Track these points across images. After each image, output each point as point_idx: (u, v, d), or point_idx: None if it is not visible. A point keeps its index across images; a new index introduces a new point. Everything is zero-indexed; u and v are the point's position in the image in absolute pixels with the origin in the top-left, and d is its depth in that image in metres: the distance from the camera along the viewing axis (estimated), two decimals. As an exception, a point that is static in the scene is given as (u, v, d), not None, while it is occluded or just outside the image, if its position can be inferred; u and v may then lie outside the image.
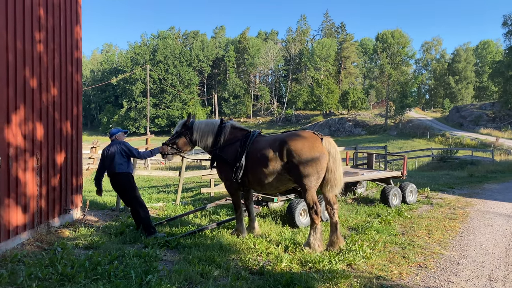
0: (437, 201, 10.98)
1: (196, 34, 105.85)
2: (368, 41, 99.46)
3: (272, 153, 6.13)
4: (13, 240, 5.74)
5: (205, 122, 7.02)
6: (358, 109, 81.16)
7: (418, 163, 33.10)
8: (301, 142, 6.04)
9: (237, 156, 6.48)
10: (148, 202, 11.06)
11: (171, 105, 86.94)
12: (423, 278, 5.33)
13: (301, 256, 5.88)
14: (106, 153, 6.86)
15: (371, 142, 54.05)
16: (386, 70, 73.09)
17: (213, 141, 6.82)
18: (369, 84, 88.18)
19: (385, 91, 76.17)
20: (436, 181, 15.54)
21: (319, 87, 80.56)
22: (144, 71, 77.41)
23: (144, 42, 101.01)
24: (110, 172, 6.80)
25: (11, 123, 5.63)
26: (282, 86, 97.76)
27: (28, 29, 6.07)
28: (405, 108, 69.38)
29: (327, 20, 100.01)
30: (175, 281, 4.59)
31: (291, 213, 7.77)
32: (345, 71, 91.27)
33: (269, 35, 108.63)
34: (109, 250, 5.72)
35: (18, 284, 4.34)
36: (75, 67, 7.89)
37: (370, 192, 11.92)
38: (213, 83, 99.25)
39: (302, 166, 5.93)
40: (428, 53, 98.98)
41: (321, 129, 72.50)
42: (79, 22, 8.05)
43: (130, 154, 6.87)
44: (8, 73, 5.59)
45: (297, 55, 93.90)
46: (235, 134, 6.79)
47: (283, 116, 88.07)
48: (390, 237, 7.19)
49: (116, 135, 7.07)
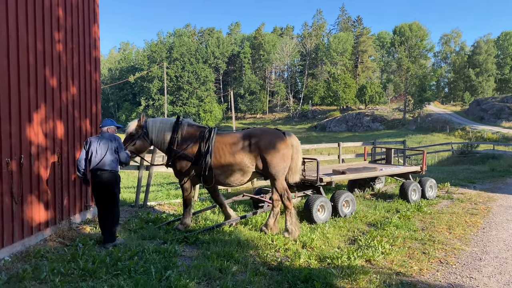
0: (457, 196, 10.79)
1: (212, 31, 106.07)
2: (385, 34, 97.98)
3: (242, 148, 6.55)
4: (36, 236, 5.88)
5: (159, 120, 6.86)
6: (376, 103, 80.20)
7: (437, 158, 32.59)
8: (269, 136, 6.62)
9: (202, 153, 6.52)
10: (167, 198, 11.18)
11: (188, 102, 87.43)
12: (444, 274, 5.25)
13: (319, 252, 5.86)
14: (97, 144, 5.94)
15: (389, 137, 53.38)
16: (404, 63, 71.98)
17: (170, 140, 6.67)
18: (386, 78, 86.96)
19: (403, 85, 75.05)
20: (456, 176, 15.27)
21: (336, 82, 79.87)
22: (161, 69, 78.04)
23: (161, 40, 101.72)
24: (97, 168, 5.90)
25: (32, 122, 5.75)
26: (298, 82, 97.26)
27: (47, 30, 6.17)
28: (424, 102, 68.24)
29: (343, 14, 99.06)
30: (194, 276, 4.63)
31: (309, 209, 7.75)
32: (362, 65, 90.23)
33: (284, 30, 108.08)
34: (129, 246, 5.79)
35: (41, 279, 4.45)
36: (94, 66, 8.00)
37: (389, 187, 11.80)
38: (229, 79, 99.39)
39: (272, 158, 6.51)
40: (447, 45, 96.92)
41: (338, 124, 72.00)
42: (97, 22, 8.15)
43: (119, 156, 6.09)
44: (29, 73, 5.71)
45: (313, 50, 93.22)
46: (192, 132, 6.75)
47: (299, 112, 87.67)
48: (409, 232, 7.10)
49: (109, 127, 6.27)
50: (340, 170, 9.17)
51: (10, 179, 5.27)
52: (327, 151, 22.13)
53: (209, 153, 6.49)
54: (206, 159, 6.49)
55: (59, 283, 4.30)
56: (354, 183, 10.89)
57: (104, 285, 4.31)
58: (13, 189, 5.31)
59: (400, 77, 76.93)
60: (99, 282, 4.44)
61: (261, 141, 6.55)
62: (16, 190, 5.38)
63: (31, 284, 4.32)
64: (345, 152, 15.89)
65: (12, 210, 5.35)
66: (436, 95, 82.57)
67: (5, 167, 5.15)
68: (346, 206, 8.36)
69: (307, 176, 8.56)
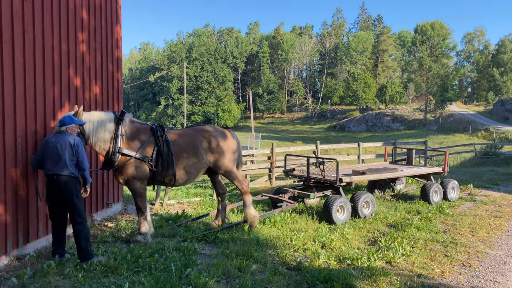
0: (481, 198, 10.55)
1: (231, 31, 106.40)
2: (406, 33, 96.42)
3: (200, 145, 6.58)
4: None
5: (97, 115, 5.83)
6: (396, 103, 79.04)
7: (459, 159, 31.92)
8: (221, 134, 6.91)
9: (158, 151, 6.06)
10: (186, 197, 11.28)
11: (207, 101, 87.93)
12: (467, 277, 5.15)
13: (339, 253, 5.83)
14: (53, 145, 4.99)
15: (409, 137, 52.54)
16: (426, 63, 70.70)
17: (112, 138, 5.81)
18: (407, 78, 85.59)
19: (425, 84, 73.76)
20: (479, 178, 14.92)
21: (355, 81, 79.06)
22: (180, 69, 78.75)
23: (180, 40, 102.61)
24: (52, 173, 4.97)
25: (57, 120, 5.88)
26: (317, 81, 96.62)
27: (72, 30, 6.31)
28: (446, 102, 66.89)
29: (364, 12, 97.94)
30: (213, 274, 4.66)
31: (328, 209, 7.70)
32: (382, 64, 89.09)
33: (303, 29, 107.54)
34: (149, 243, 5.87)
35: (65, 274, 4.55)
36: (116, 66, 8.14)
37: (410, 188, 11.63)
38: (247, 79, 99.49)
39: (226, 153, 6.79)
40: (471, 44, 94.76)
41: (357, 124, 71.28)
42: (119, 22, 8.28)
43: (79, 162, 5.08)
44: (54, 73, 5.85)
45: (333, 49, 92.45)
46: (137, 129, 6.14)
47: (318, 112, 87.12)
48: (431, 234, 6.99)
49: (69, 126, 5.17)
50: (360, 171, 9.08)
51: (35, 176, 5.41)
52: (346, 151, 21.97)
53: (168, 152, 6.28)
54: (169, 158, 6.24)
55: (82, 279, 4.39)
56: (374, 183, 10.77)
57: (125, 281, 4.38)
58: (37, 186, 5.45)
59: (421, 76, 75.62)
60: (121, 278, 4.51)
61: (218, 138, 6.92)
62: (41, 187, 5.52)
63: (55, 279, 4.43)
64: (365, 152, 15.71)
65: (37, 207, 5.49)
66: (458, 95, 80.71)
67: (30, 165, 5.29)
68: (366, 207, 8.28)
69: (326, 176, 8.52)
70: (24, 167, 5.19)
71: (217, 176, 7.29)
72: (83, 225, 5.07)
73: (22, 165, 5.15)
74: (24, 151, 5.18)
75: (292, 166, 9.93)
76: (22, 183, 5.17)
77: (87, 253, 5.00)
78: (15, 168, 5.03)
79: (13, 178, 5.00)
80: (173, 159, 6.21)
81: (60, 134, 5.10)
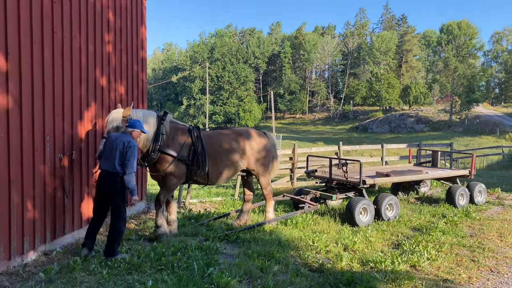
0: (509, 203, 10.24)
1: (253, 31, 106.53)
2: (431, 33, 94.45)
3: (234, 146, 6.76)
4: (85, 229, 6.11)
5: (142, 114, 6.05)
6: (421, 104, 77.49)
7: (486, 162, 31.05)
8: (255, 135, 7.05)
9: (195, 151, 6.30)
10: (208, 196, 11.35)
11: (228, 102, 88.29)
12: (495, 283, 5.00)
13: (362, 256, 5.75)
14: (111, 142, 5.23)
15: (434, 139, 51.44)
16: (451, 63, 69.10)
17: (154, 138, 6.03)
18: (432, 78, 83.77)
19: (450, 85, 72.10)
20: (507, 181, 14.49)
21: (379, 82, 77.96)
22: (202, 69, 79.38)
23: (203, 41, 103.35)
24: (103, 168, 5.21)
25: (83, 120, 6.01)
26: (339, 81, 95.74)
27: (98, 32, 6.43)
28: (472, 103, 65.24)
29: (387, 12, 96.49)
30: (235, 274, 4.67)
31: (351, 211, 7.61)
32: (406, 64, 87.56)
33: (326, 29, 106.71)
34: (172, 242, 5.93)
35: (90, 271, 4.64)
36: (140, 66, 8.25)
37: (434, 191, 11.38)
38: (269, 79, 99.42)
39: (259, 155, 6.97)
40: (499, 44, 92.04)
41: (380, 125, 70.28)
42: (144, 23, 8.40)
43: (124, 164, 5.13)
44: (81, 73, 5.97)
45: (355, 49, 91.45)
46: (176, 129, 6.37)
47: (340, 112, 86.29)
48: (457, 239, 6.83)
49: (134, 130, 5.40)
50: (384, 173, 8.95)
51: (62, 174, 5.53)
52: (369, 153, 21.68)
53: (204, 151, 6.53)
54: (205, 158, 6.48)
55: (106, 275, 4.46)
56: (398, 186, 10.59)
57: (148, 279, 4.42)
58: (64, 183, 5.57)
59: (446, 77, 73.92)
60: (144, 276, 4.57)
61: (252, 140, 7.08)
62: (68, 185, 5.64)
63: (80, 275, 4.52)
64: (388, 154, 15.49)
65: (64, 204, 5.62)
66: (485, 96, 78.59)
67: (58, 162, 5.42)
68: (389, 210, 8.15)
69: (349, 178, 8.42)
70: (52, 165, 5.32)
71: (250, 177, 7.39)
72: (120, 224, 5.21)
73: (50, 163, 5.28)
74: (52, 149, 5.31)
75: (314, 167, 9.87)
76: (50, 180, 5.30)
77: (113, 251, 5.11)
78: (44, 165, 5.15)
79: (42, 175, 5.12)
80: (207, 158, 6.44)
81: (123, 133, 5.39)
